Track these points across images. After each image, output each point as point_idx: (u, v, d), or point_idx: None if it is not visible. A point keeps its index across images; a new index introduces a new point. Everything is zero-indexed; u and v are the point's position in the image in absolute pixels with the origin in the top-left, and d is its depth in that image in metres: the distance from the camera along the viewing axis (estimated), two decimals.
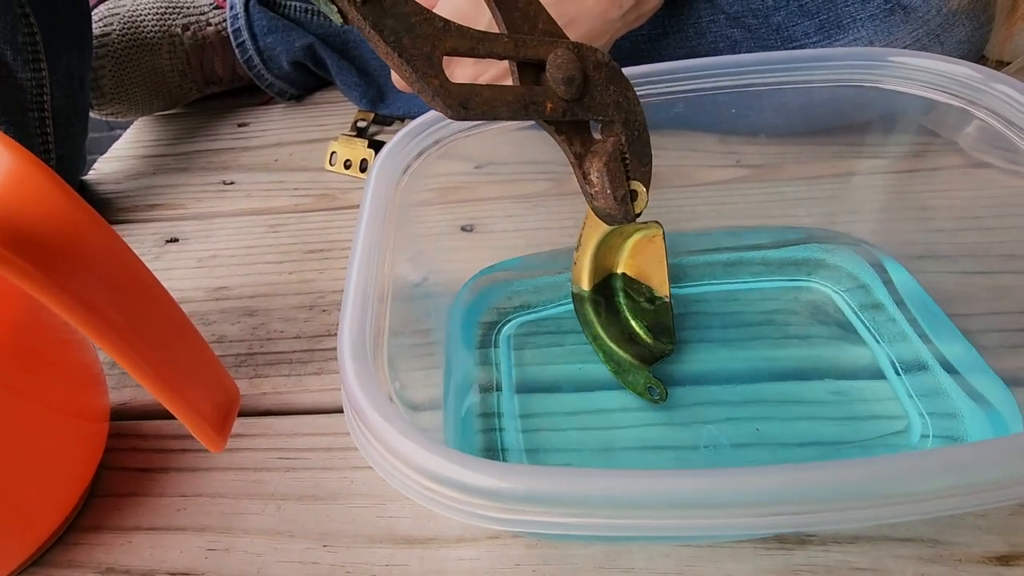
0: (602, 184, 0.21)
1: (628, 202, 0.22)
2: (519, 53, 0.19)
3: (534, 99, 0.19)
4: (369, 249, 0.20)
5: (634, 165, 0.22)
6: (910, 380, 0.24)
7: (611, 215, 0.22)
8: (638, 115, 0.21)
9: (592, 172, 0.21)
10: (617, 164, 0.21)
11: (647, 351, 0.26)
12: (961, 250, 0.29)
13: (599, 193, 0.21)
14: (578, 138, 0.21)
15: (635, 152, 0.21)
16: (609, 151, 0.21)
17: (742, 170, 0.36)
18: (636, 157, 0.21)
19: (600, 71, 0.20)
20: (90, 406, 0.24)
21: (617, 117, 0.21)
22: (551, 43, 0.19)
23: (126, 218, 0.41)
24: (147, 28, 0.45)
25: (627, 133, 0.21)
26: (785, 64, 0.24)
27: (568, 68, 0.19)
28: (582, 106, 0.20)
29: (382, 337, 0.18)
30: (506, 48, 0.19)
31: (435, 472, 0.13)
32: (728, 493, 0.12)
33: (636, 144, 0.21)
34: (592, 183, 0.21)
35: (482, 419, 0.25)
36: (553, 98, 0.19)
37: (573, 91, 0.19)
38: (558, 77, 0.19)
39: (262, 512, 0.24)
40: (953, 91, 0.23)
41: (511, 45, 0.19)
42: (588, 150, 0.21)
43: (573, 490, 0.13)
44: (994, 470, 0.12)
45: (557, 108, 0.20)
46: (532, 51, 0.19)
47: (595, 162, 0.21)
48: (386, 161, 0.24)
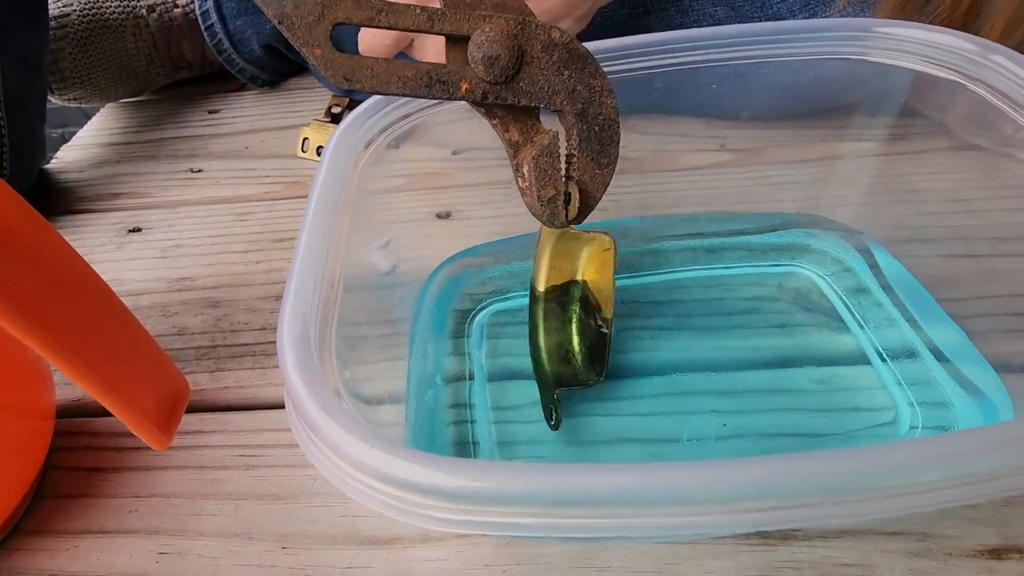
0: (530, 180, 0.19)
1: (557, 204, 0.19)
2: (434, 26, 0.17)
3: (444, 77, 0.17)
4: (318, 234, 0.19)
5: (583, 165, 0.19)
6: (898, 368, 0.23)
7: (537, 215, 0.20)
8: (604, 107, 0.19)
9: (524, 165, 0.19)
10: (549, 160, 0.19)
11: (571, 373, 0.24)
12: (950, 233, 0.28)
13: (527, 189, 0.19)
14: (516, 125, 0.19)
15: (587, 150, 0.19)
16: (544, 145, 0.19)
17: (726, 154, 0.35)
18: (588, 156, 0.19)
19: (551, 52, 0.18)
20: (32, 403, 0.23)
21: (569, 107, 0.18)
22: (484, 18, 0.17)
23: (88, 207, 0.39)
24: (110, 9, 0.43)
25: (580, 126, 0.19)
26: (769, 36, 0.23)
27: (492, 47, 0.17)
28: (513, 90, 0.18)
29: (330, 326, 0.17)
30: (417, 21, 0.17)
31: (382, 471, 0.12)
32: (706, 488, 0.11)
33: (592, 141, 0.19)
34: (523, 176, 0.19)
35: (453, 411, 0.24)
36: (472, 78, 0.17)
37: (496, 73, 0.17)
38: (477, 56, 0.17)
39: (219, 513, 0.23)
40: (946, 63, 0.22)
41: (423, 17, 0.17)
42: (529, 140, 0.19)
43: (538, 488, 0.11)
44: (986, 460, 0.11)
45: (475, 90, 0.18)
46: (451, 25, 0.17)
47: (528, 155, 0.19)
48: (342, 139, 0.22)
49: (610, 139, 0.19)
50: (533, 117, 0.19)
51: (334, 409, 0.13)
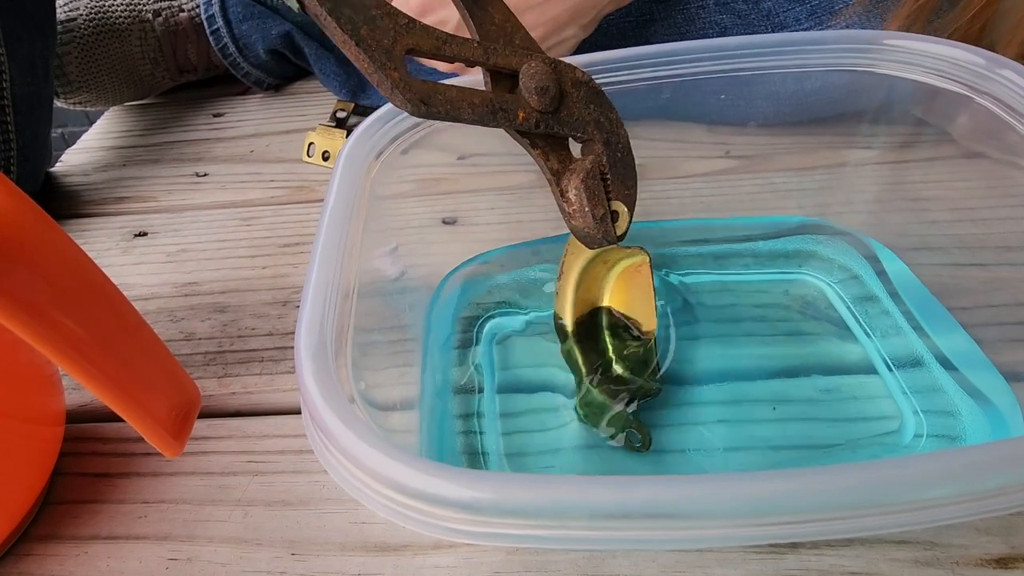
0: (580, 202, 0.20)
1: (608, 222, 0.20)
2: (489, 60, 0.18)
3: (504, 106, 0.18)
4: (333, 242, 0.19)
5: (616, 186, 0.21)
6: (905, 376, 0.23)
7: (590, 235, 0.21)
8: (621, 137, 0.21)
9: (570, 189, 0.20)
10: (596, 182, 0.20)
11: (632, 392, 0.24)
12: (955, 242, 0.29)
13: (577, 212, 0.20)
14: (555, 154, 0.20)
15: (617, 173, 0.20)
16: (588, 168, 0.20)
17: (732, 161, 0.35)
18: (618, 178, 0.21)
19: (579, 88, 0.20)
20: (43, 409, 0.23)
21: (597, 136, 0.20)
22: (526, 55, 0.19)
23: (93, 211, 0.39)
24: (116, 13, 0.43)
25: (608, 153, 0.20)
26: (776, 47, 0.23)
27: (542, 79, 0.19)
28: (558, 120, 0.19)
29: (346, 335, 0.17)
30: (475, 53, 0.18)
31: (400, 482, 0.12)
32: (718, 502, 0.11)
33: (618, 166, 0.20)
34: (570, 201, 0.20)
35: (462, 420, 0.24)
36: (526, 107, 0.19)
37: (547, 102, 0.19)
38: (531, 87, 0.19)
39: (228, 519, 0.23)
40: (953, 76, 0.22)
41: (480, 51, 0.18)
42: (566, 167, 0.20)
43: (547, 500, 0.12)
44: (996, 476, 0.12)
45: (530, 118, 0.19)
46: (504, 60, 0.18)
47: (573, 179, 0.20)
48: (355, 147, 0.22)
49: (630, 163, 0.21)
50: (565, 147, 0.20)
51: (351, 419, 0.13)
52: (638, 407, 0.23)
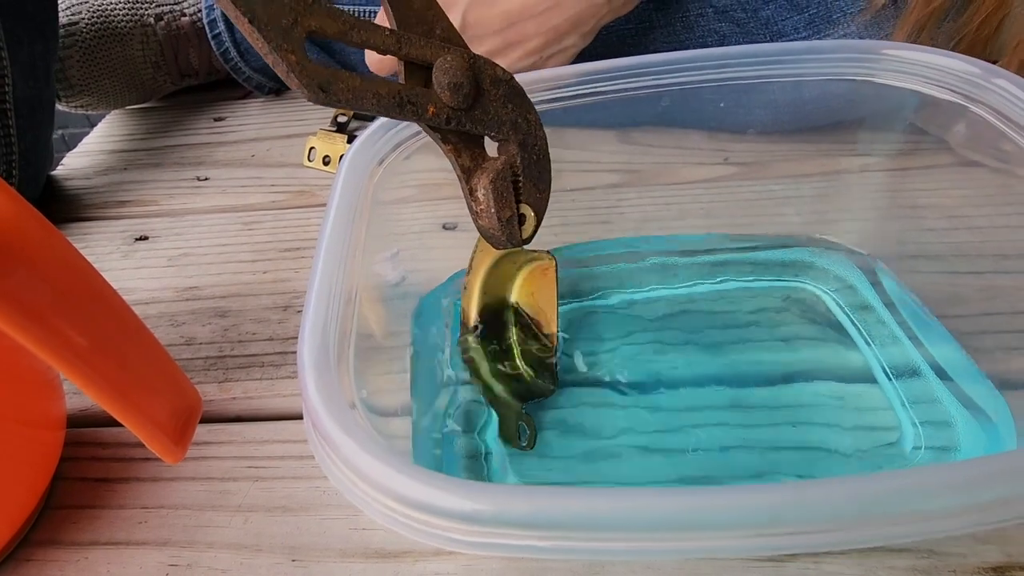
0: (488, 202, 0.20)
1: (515, 225, 0.20)
2: (401, 49, 0.18)
3: (414, 99, 0.18)
4: (336, 248, 0.19)
5: (528, 189, 0.21)
6: (902, 385, 0.23)
7: (495, 237, 0.21)
8: (539, 139, 0.20)
9: (479, 188, 0.20)
10: (506, 183, 0.20)
11: (525, 389, 0.24)
12: (952, 250, 0.29)
13: (484, 212, 0.20)
14: (468, 151, 0.20)
15: (530, 176, 0.20)
16: (499, 168, 0.20)
17: (731, 168, 0.35)
18: (531, 181, 0.20)
19: (498, 87, 0.19)
20: (43, 414, 0.23)
21: (513, 137, 0.20)
22: (443, 47, 0.18)
23: (95, 215, 0.39)
24: (118, 17, 0.43)
25: (523, 155, 0.20)
26: (775, 57, 0.23)
27: (456, 74, 0.18)
28: (471, 118, 0.19)
29: (348, 341, 0.17)
30: (386, 42, 0.17)
31: (397, 491, 0.12)
32: (718, 514, 0.11)
33: (532, 168, 0.20)
34: (478, 200, 0.20)
35: (463, 423, 0.24)
36: (437, 102, 0.18)
37: (460, 99, 0.18)
38: (444, 81, 0.18)
39: (228, 525, 0.23)
40: (949, 85, 0.22)
41: (392, 40, 0.17)
42: (478, 166, 0.20)
43: (548, 511, 0.12)
44: (993, 489, 0.12)
45: (441, 114, 0.18)
46: (417, 51, 0.18)
47: (483, 178, 0.20)
48: (358, 154, 0.23)
49: (545, 167, 0.21)
50: (479, 145, 0.20)
51: (353, 428, 0.13)
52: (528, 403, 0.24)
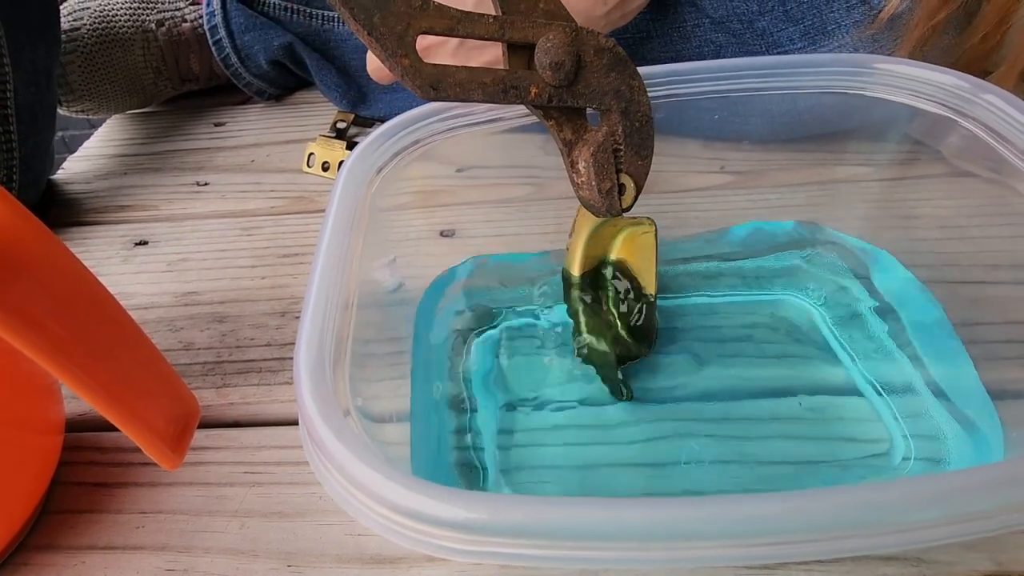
0: (588, 175, 0.20)
1: (614, 196, 0.21)
2: (504, 35, 0.18)
3: (516, 83, 0.18)
4: (334, 255, 0.19)
5: (629, 158, 0.21)
6: (892, 398, 0.23)
7: (595, 207, 0.21)
8: (641, 105, 0.20)
9: (580, 161, 0.20)
10: (606, 155, 0.20)
11: (624, 350, 0.25)
12: (944, 259, 0.29)
13: (584, 183, 0.21)
14: (569, 125, 0.20)
15: (632, 144, 0.21)
16: (600, 141, 0.20)
17: (727, 176, 0.36)
18: (633, 149, 0.21)
19: (601, 56, 0.19)
20: (42, 419, 0.23)
21: (615, 106, 0.20)
22: (544, 25, 0.18)
23: (95, 219, 0.40)
24: (119, 23, 0.44)
25: (625, 123, 0.20)
26: (771, 69, 0.23)
27: (557, 53, 0.18)
28: (573, 93, 0.19)
29: (345, 347, 0.17)
30: (489, 29, 0.18)
31: (390, 499, 0.12)
32: (709, 524, 0.12)
33: (635, 136, 0.21)
34: (579, 172, 0.21)
35: (457, 434, 0.24)
36: (539, 83, 0.19)
37: (561, 77, 0.19)
38: (545, 62, 0.18)
39: (225, 530, 0.23)
40: (939, 100, 0.22)
41: (495, 26, 0.18)
42: (580, 138, 0.20)
43: (540, 521, 0.12)
44: (980, 500, 0.12)
45: (543, 94, 0.19)
46: (520, 33, 0.18)
47: (584, 151, 0.20)
48: (357, 162, 0.23)
49: (648, 132, 0.21)
50: (582, 116, 0.20)
51: (347, 436, 0.14)
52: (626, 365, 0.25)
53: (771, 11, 0.33)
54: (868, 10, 0.31)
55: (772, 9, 0.33)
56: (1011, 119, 0.20)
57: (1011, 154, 0.20)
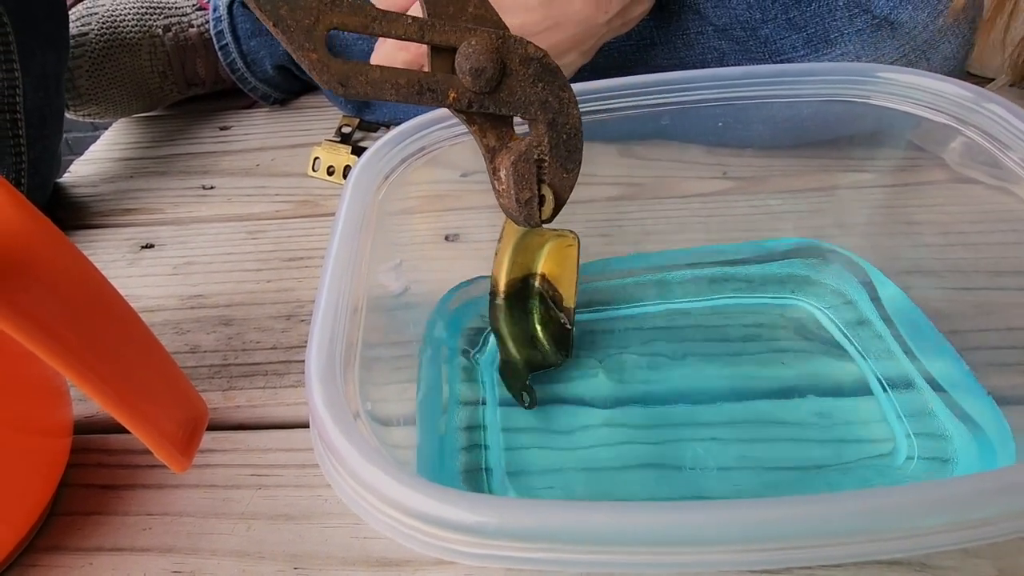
0: (508, 184, 0.20)
1: (533, 206, 0.21)
2: (424, 36, 0.18)
3: (433, 86, 0.18)
4: (343, 260, 0.19)
5: (553, 169, 0.21)
6: (897, 399, 0.24)
7: (514, 216, 0.21)
8: (571, 118, 0.20)
9: (501, 169, 0.20)
10: (527, 165, 0.20)
11: (540, 357, 0.26)
12: (947, 266, 0.29)
13: (504, 192, 0.21)
14: (493, 131, 0.20)
15: (557, 156, 0.21)
16: (522, 151, 0.20)
17: (729, 182, 0.36)
18: (558, 161, 0.21)
19: (527, 66, 0.19)
20: (51, 421, 0.23)
21: (541, 116, 0.20)
22: (469, 31, 0.18)
23: (101, 223, 0.40)
24: (126, 28, 0.44)
25: (551, 135, 0.20)
26: (774, 78, 0.24)
27: (478, 59, 0.18)
28: (495, 100, 0.19)
29: (354, 351, 0.17)
30: (408, 30, 0.18)
31: (401, 502, 0.13)
32: (716, 529, 0.12)
33: (560, 148, 0.21)
34: (500, 180, 0.21)
35: (464, 436, 0.24)
36: (459, 87, 0.18)
37: (482, 84, 0.18)
38: (465, 67, 0.18)
39: (231, 532, 0.23)
40: (942, 108, 0.22)
41: (415, 28, 0.18)
42: (504, 145, 0.20)
43: (549, 524, 0.12)
44: (985, 507, 0.12)
45: (462, 99, 0.19)
46: (440, 36, 0.18)
47: (505, 160, 0.20)
48: (365, 168, 0.23)
49: (576, 146, 0.21)
50: (507, 124, 0.20)
51: (358, 440, 0.14)
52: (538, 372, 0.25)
53: (774, 19, 0.33)
54: (871, 19, 0.32)
55: (775, 17, 0.33)
56: (1013, 128, 0.20)
57: (1013, 162, 0.20)
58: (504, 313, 0.26)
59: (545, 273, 0.26)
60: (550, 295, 0.26)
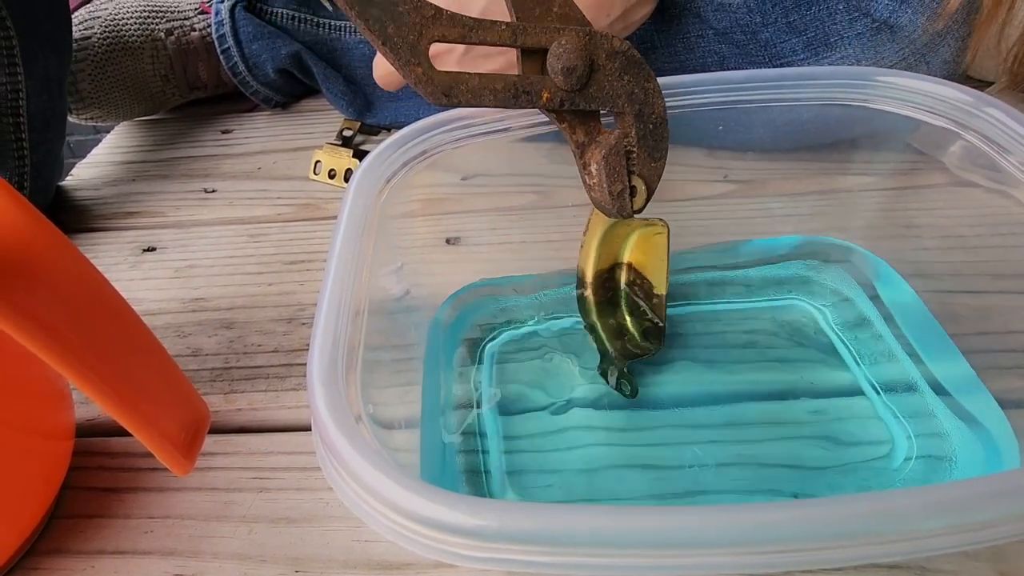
0: (600, 177, 0.21)
1: (626, 198, 0.21)
2: (517, 40, 0.19)
3: (528, 88, 0.19)
4: (345, 263, 0.19)
5: (641, 160, 0.21)
6: (896, 400, 0.24)
7: (606, 208, 0.22)
8: (656, 107, 0.21)
9: (592, 163, 0.21)
10: (618, 158, 0.21)
11: (633, 347, 0.26)
12: (947, 269, 0.29)
13: (596, 185, 0.21)
14: (582, 127, 0.21)
15: (645, 146, 0.21)
16: (612, 144, 0.20)
17: (730, 185, 0.36)
18: (646, 151, 0.21)
19: (614, 60, 0.20)
20: (53, 424, 0.23)
21: (628, 109, 0.20)
22: (557, 31, 0.19)
23: (103, 226, 0.40)
24: (129, 32, 0.44)
25: (638, 126, 0.21)
26: (774, 81, 0.24)
27: (569, 58, 0.19)
28: (584, 97, 0.19)
29: (356, 354, 0.17)
30: (502, 36, 0.18)
31: (402, 505, 0.13)
32: (714, 532, 0.12)
33: (648, 138, 0.21)
34: (591, 174, 0.21)
35: (464, 439, 0.24)
36: (551, 87, 0.19)
37: (573, 82, 0.19)
38: (557, 67, 0.19)
39: (233, 535, 0.23)
40: (941, 112, 0.23)
41: (508, 33, 0.18)
42: (593, 140, 0.21)
43: (550, 528, 0.12)
44: (984, 510, 0.12)
45: (555, 98, 0.19)
46: (532, 39, 0.19)
47: (596, 154, 0.21)
48: (367, 172, 0.23)
49: (662, 135, 0.21)
50: (595, 119, 0.21)
51: (360, 443, 0.14)
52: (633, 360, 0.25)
53: (774, 23, 0.33)
54: (870, 22, 0.32)
55: (775, 21, 0.33)
56: (1012, 132, 0.20)
57: (1012, 166, 0.20)
58: (594, 307, 0.26)
59: (632, 262, 0.26)
60: (637, 284, 0.26)
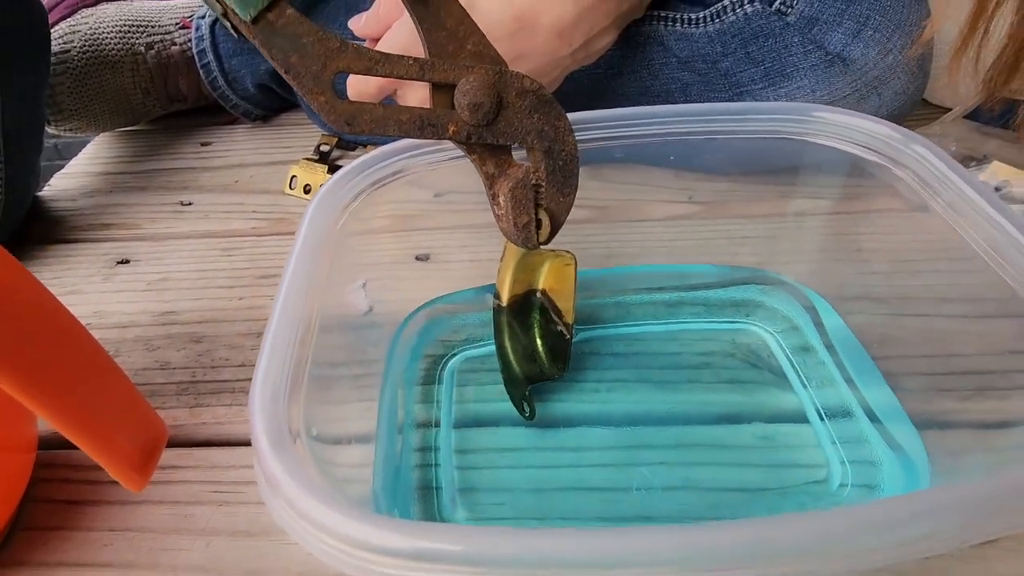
0: (507, 208, 0.22)
1: (531, 229, 0.22)
2: (424, 75, 0.19)
3: (434, 121, 0.20)
4: (298, 281, 0.20)
5: (550, 194, 0.22)
6: (834, 426, 0.25)
7: (512, 238, 0.23)
8: (566, 145, 0.22)
9: (500, 195, 0.22)
10: (524, 191, 0.21)
11: (538, 370, 0.27)
12: (895, 292, 0.30)
13: (503, 216, 0.22)
14: (492, 159, 0.21)
15: (554, 181, 0.22)
16: (520, 177, 0.21)
17: (693, 206, 0.37)
18: (554, 186, 0.22)
19: (524, 98, 0.21)
20: (14, 436, 0.24)
21: (538, 145, 0.21)
22: (467, 68, 0.20)
23: (78, 237, 0.40)
24: (109, 46, 0.45)
25: (547, 161, 0.22)
26: (720, 115, 0.25)
27: (476, 94, 0.20)
28: (492, 132, 0.20)
29: (303, 371, 0.18)
30: (410, 70, 0.19)
31: (336, 530, 0.13)
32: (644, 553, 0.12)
33: (557, 174, 0.22)
34: (499, 205, 0.22)
35: (418, 454, 0.25)
36: (458, 121, 0.20)
37: (480, 117, 0.20)
38: (463, 102, 0.20)
39: (191, 548, 0.24)
40: (874, 148, 0.24)
41: (415, 68, 0.19)
42: (503, 172, 0.22)
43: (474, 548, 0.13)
44: (911, 527, 0.13)
45: (462, 132, 0.20)
46: (440, 74, 0.19)
47: (504, 186, 0.22)
48: (330, 190, 0.24)
49: (572, 172, 0.22)
50: (506, 152, 0.22)
51: (291, 461, 0.15)
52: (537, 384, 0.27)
53: (733, 53, 0.34)
54: (824, 55, 0.33)
55: (734, 51, 0.34)
56: (936, 169, 0.21)
57: (935, 202, 0.22)
58: (507, 328, 0.27)
59: (546, 289, 0.27)
60: (551, 310, 0.27)
